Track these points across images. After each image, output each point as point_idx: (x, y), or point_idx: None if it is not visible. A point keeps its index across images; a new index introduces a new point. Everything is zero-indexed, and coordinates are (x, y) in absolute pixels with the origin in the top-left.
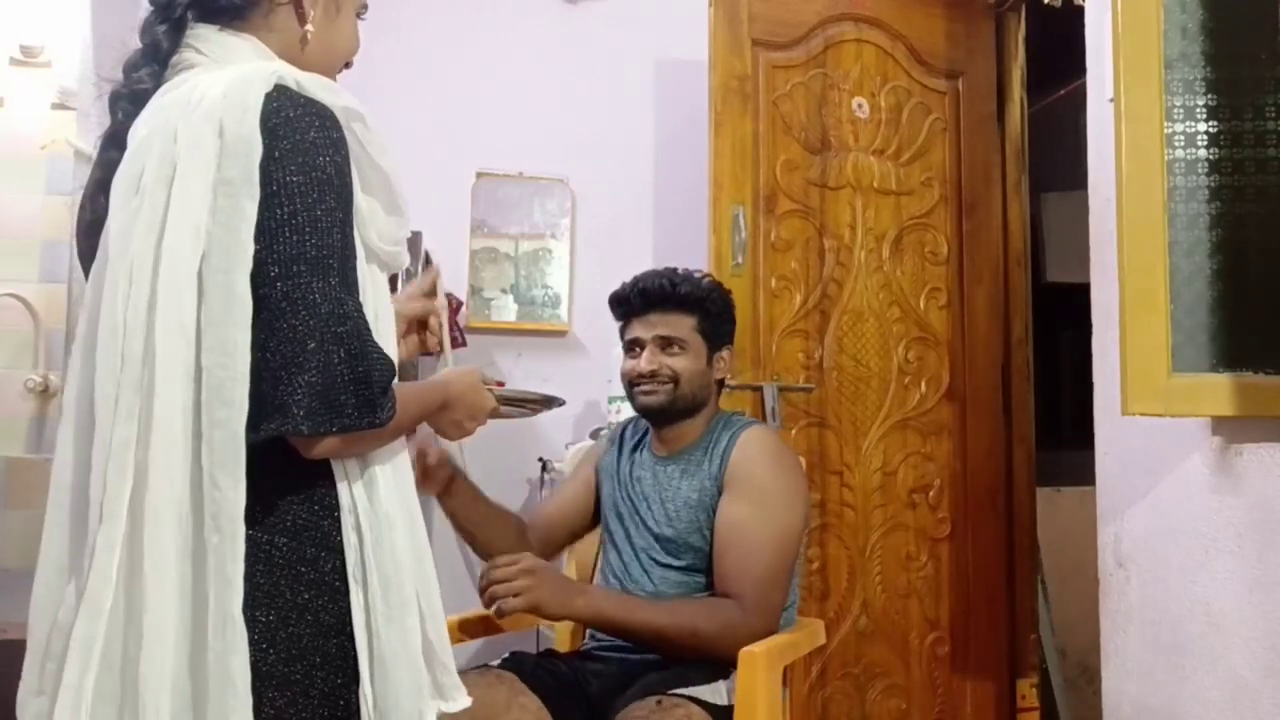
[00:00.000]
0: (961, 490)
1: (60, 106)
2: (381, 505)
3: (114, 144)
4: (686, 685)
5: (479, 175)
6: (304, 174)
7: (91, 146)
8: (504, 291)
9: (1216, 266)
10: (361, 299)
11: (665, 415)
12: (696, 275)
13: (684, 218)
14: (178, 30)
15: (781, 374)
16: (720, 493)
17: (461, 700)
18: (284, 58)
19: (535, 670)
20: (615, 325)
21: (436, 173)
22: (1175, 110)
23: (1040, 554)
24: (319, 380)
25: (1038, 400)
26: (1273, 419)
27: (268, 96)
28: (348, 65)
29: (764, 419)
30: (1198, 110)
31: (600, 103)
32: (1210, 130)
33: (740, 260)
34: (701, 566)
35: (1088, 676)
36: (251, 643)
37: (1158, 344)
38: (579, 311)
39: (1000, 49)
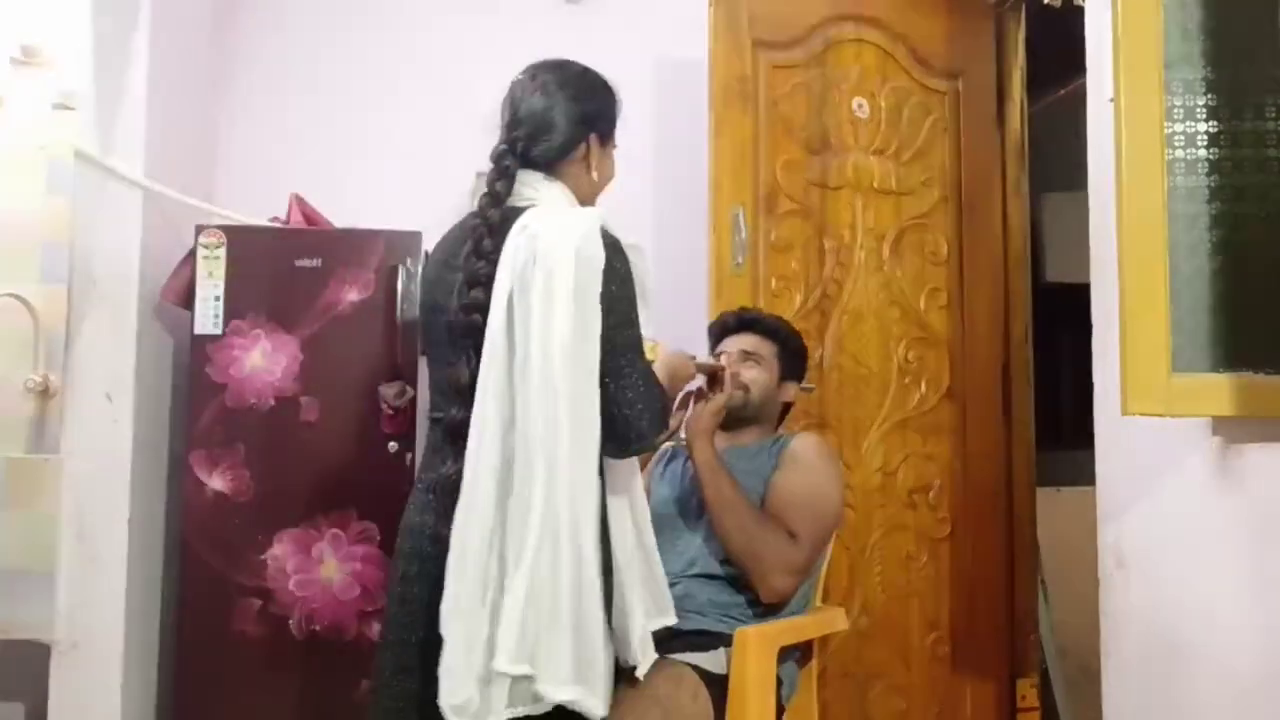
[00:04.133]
0: (961, 490)
1: (60, 106)
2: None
3: (480, 257)
4: (686, 651)
5: (479, 175)
6: (624, 291)
7: (92, 147)
8: None
9: (1216, 266)
10: None
11: (731, 415)
12: (783, 319)
13: (684, 218)
14: (510, 180)
15: None
16: (773, 470)
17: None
18: (575, 190)
19: None
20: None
21: (436, 173)
22: (1175, 110)
23: (1040, 554)
24: (651, 416)
25: (1038, 400)
26: (1273, 419)
27: (600, 232)
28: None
29: None
30: (1198, 110)
31: None
32: (1210, 130)
33: (740, 260)
34: None
35: (1088, 676)
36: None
37: (1158, 344)
38: None
39: (1000, 49)
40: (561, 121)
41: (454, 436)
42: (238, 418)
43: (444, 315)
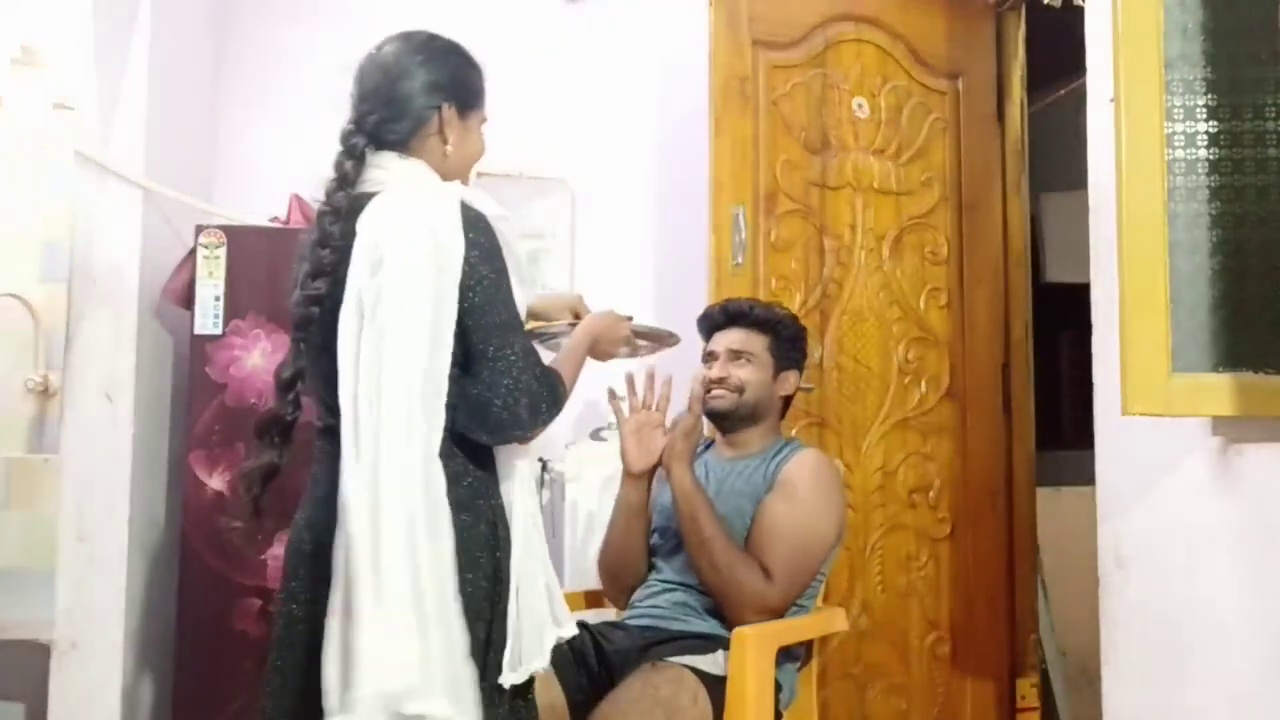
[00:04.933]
0: (961, 490)
1: (60, 106)
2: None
3: (324, 245)
4: (685, 654)
5: (479, 175)
6: (492, 269)
7: (91, 147)
8: None
9: (1217, 266)
10: None
11: (729, 419)
12: (775, 306)
13: (684, 218)
14: (361, 161)
15: None
16: (768, 492)
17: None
18: (435, 169)
19: None
20: None
21: None
22: (1175, 110)
23: (1040, 554)
24: (529, 400)
25: (1038, 400)
26: (1273, 419)
27: (458, 209)
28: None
29: None
30: (1198, 110)
31: (600, 103)
32: (1210, 130)
33: (740, 260)
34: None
35: (1088, 677)
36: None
37: (1158, 344)
38: None
39: (1000, 49)
40: (410, 92)
41: (261, 433)
42: (238, 418)
43: None
